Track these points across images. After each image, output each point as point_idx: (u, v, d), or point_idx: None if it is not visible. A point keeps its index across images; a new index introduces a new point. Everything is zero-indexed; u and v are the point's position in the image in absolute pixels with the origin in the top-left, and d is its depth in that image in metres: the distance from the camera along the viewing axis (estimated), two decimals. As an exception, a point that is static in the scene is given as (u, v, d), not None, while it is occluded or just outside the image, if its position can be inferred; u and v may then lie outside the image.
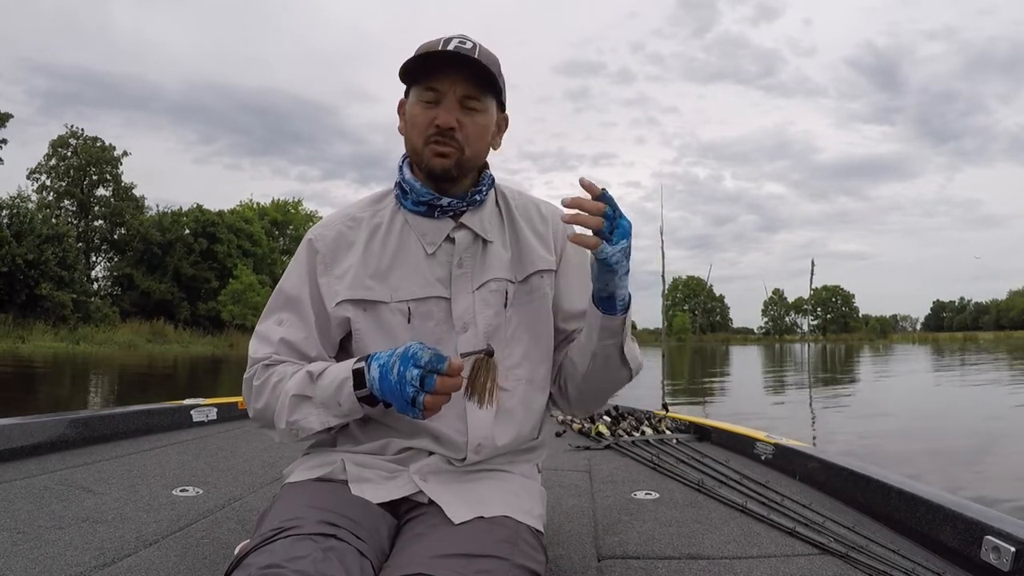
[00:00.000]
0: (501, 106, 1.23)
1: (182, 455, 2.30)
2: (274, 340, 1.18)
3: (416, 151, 1.17)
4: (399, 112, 1.23)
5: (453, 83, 1.13)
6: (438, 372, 0.97)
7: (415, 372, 0.97)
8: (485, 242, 1.21)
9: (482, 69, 1.13)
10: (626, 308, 1.13)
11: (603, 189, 1.04)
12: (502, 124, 1.25)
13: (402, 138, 1.23)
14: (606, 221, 1.03)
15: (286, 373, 1.14)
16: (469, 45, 1.13)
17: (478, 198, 1.21)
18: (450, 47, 1.11)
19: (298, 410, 1.11)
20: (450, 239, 1.19)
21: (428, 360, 0.97)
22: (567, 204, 1.01)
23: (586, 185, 1.03)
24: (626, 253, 1.06)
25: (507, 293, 1.20)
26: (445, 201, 1.17)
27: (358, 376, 1.06)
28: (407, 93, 1.20)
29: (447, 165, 1.15)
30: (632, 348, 1.18)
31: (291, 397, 1.10)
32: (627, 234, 1.05)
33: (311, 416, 1.10)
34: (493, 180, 1.26)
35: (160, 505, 1.70)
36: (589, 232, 1.03)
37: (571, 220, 1.02)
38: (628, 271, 1.09)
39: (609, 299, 1.11)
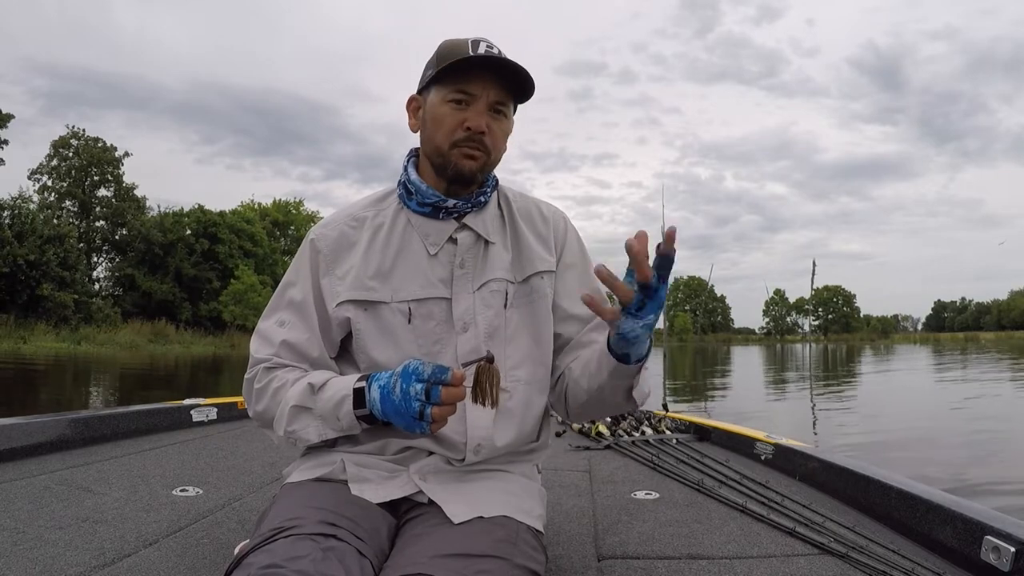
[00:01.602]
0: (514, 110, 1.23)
1: (182, 455, 2.30)
2: (275, 341, 1.18)
3: (440, 152, 1.16)
4: (409, 109, 1.23)
5: (487, 87, 1.13)
6: (442, 383, 0.96)
7: (419, 386, 0.96)
8: (487, 243, 1.21)
9: (517, 76, 1.13)
10: (642, 359, 1.07)
11: (672, 250, 0.92)
12: (511, 129, 1.25)
13: (404, 137, 1.22)
14: (639, 294, 0.94)
15: (287, 380, 1.15)
16: (496, 51, 1.12)
17: (482, 200, 1.21)
18: (480, 50, 1.11)
19: (297, 420, 1.11)
20: (452, 240, 1.19)
21: (431, 373, 0.97)
22: (601, 273, 0.94)
23: (670, 236, 0.92)
24: (652, 326, 0.99)
25: (507, 294, 1.20)
26: (451, 203, 1.17)
27: (358, 395, 1.06)
28: (420, 91, 1.20)
29: (475, 168, 1.15)
30: (641, 387, 1.13)
31: (291, 407, 1.11)
32: (660, 306, 0.96)
33: (309, 428, 1.11)
34: (497, 182, 1.26)
35: (160, 505, 1.70)
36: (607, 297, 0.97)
37: (602, 279, 0.95)
38: (651, 336, 1.02)
39: (624, 355, 1.06)
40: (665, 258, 0.92)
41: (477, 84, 1.13)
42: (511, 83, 1.15)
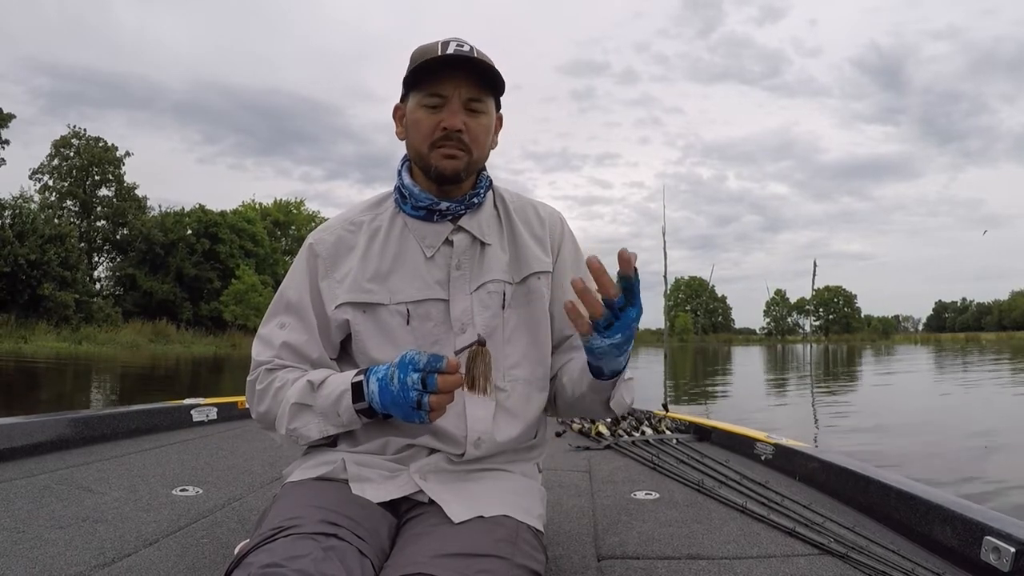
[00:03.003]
0: (497, 105, 1.24)
1: (182, 455, 2.31)
2: (276, 343, 1.20)
3: (421, 156, 1.17)
4: (395, 118, 1.24)
5: (457, 86, 1.14)
6: (438, 371, 0.98)
7: (415, 376, 0.98)
8: (483, 244, 1.22)
9: (485, 70, 1.14)
10: (616, 374, 1.10)
11: (633, 272, 0.95)
12: (498, 124, 1.26)
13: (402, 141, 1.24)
14: (608, 311, 0.97)
15: (287, 379, 1.16)
16: (467, 48, 1.13)
17: (476, 201, 1.22)
18: (449, 50, 1.12)
19: (298, 418, 1.13)
20: (448, 242, 1.20)
21: (427, 362, 0.98)
22: (576, 285, 0.95)
23: (624, 259, 0.94)
24: (619, 346, 1.00)
25: (505, 294, 1.21)
26: (444, 205, 1.19)
27: (357, 389, 1.07)
28: (403, 99, 1.21)
29: (457, 168, 1.16)
30: (620, 398, 1.14)
31: (291, 405, 1.12)
32: (627, 328, 0.98)
33: (310, 425, 1.12)
34: (491, 182, 1.27)
35: (160, 505, 1.70)
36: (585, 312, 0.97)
37: (592, 271, 0.95)
38: (625, 354, 1.04)
39: (598, 369, 1.09)
40: (624, 279, 0.95)
41: (448, 84, 1.14)
42: (483, 78, 1.15)
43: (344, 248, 1.22)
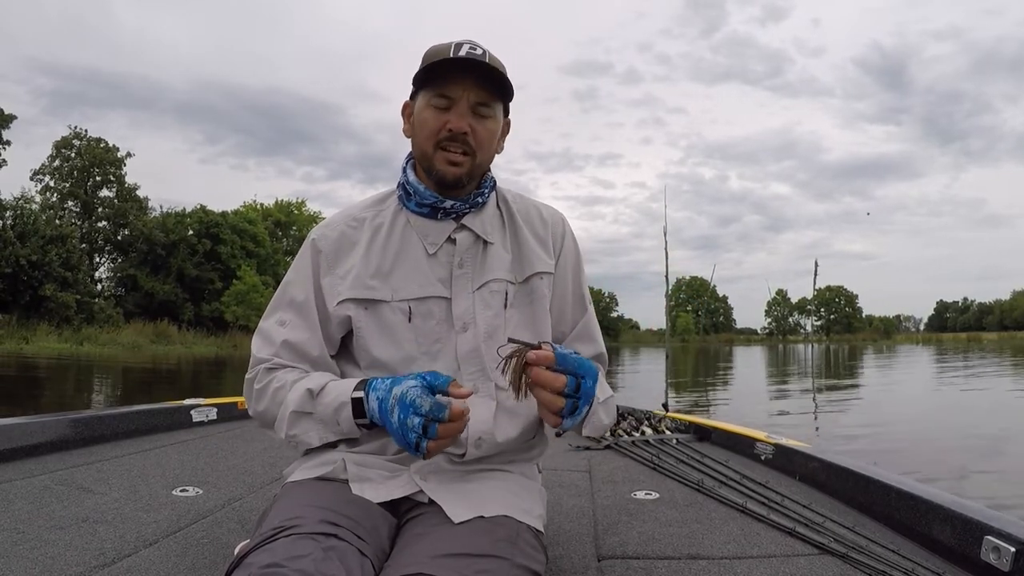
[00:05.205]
0: (506, 111, 1.24)
1: (182, 455, 2.31)
2: (276, 341, 1.20)
3: (425, 155, 1.18)
4: (403, 115, 1.25)
5: (466, 89, 1.15)
6: (439, 420, 0.98)
7: (416, 420, 0.98)
8: (486, 243, 1.22)
9: (495, 75, 1.15)
10: (580, 421, 1.08)
11: (558, 354, 1.01)
12: (506, 129, 1.26)
13: (406, 139, 1.25)
14: (568, 400, 1.01)
15: (286, 381, 1.16)
16: (479, 51, 1.14)
17: (480, 200, 1.22)
18: (461, 53, 1.12)
19: (297, 425, 1.13)
20: (451, 240, 1.20)
21: (429, 410, 0.98)
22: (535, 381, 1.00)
23: (533, 359, 1.00)
24: (580, 414, 1.04)
25: (507, 294, 1.22)
26: (448, 204, 1.19)
27: (357, 404, 1.08)
28: (412, 96, 1.22)
29: (459, 174, 1.16)
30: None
31: (291, 412, 1.13)
32: (589, 399, 1.03)
33: (310, 432, 1.13)
34: (495, 182, 1.27)
35: (160, 505, 1.71)
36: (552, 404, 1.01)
37: (543, 402, 1.01)
38: (583, 410, 1.05)
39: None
40: (560, 361, 1.01)
41: (457, 87, 1.14)
42: (493, 83, 1.16)
43: (347, 244, 1.22)
